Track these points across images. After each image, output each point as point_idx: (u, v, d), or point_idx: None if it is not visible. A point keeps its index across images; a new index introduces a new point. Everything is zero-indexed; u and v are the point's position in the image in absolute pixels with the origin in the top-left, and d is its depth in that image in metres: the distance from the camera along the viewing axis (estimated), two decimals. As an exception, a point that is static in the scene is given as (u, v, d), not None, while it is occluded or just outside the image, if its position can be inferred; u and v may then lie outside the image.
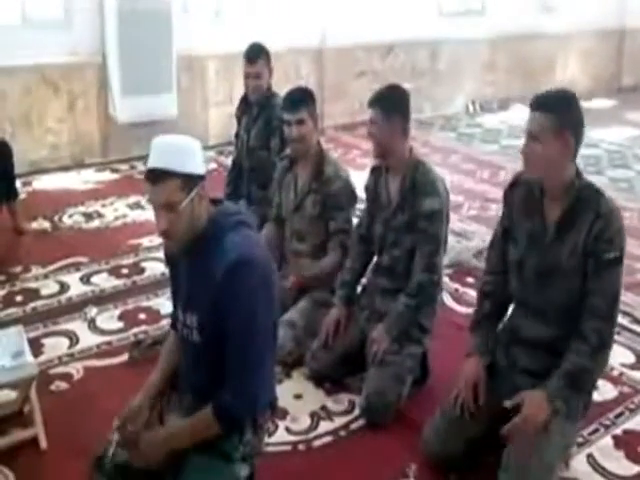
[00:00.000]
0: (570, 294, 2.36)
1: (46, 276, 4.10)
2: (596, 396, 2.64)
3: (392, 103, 2.94)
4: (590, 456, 2.67)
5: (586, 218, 2.30)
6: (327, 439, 2.76)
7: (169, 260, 2.20)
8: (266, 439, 2.30)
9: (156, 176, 1.90)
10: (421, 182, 2.91)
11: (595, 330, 2.30)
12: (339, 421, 2.86)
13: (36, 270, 4.16)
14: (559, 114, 2.28)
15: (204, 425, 1.98)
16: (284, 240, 3.51)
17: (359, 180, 3.36)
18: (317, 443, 2.74)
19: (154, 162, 1.91)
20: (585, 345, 2.30)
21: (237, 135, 4.46)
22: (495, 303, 2.65)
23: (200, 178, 1.95)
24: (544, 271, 2.40)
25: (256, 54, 4.09)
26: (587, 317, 2.32)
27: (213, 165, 6.18)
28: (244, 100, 4.36)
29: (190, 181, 1.91)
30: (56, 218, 5.01)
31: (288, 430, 2.79)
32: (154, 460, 1.99)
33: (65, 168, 6.13)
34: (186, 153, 1.93)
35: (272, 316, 2.05)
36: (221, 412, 1.95)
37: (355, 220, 3.36)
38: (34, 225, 4.85)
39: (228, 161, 4.65)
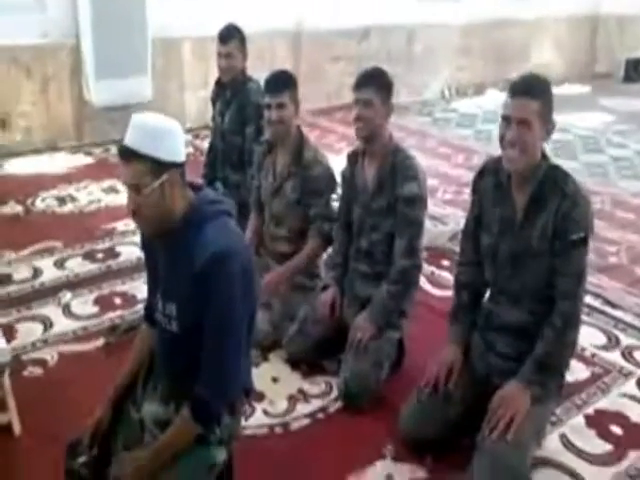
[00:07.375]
0: (543, 277, 2.39)
1: (19, 261, 4.04)
2: (568, 377, 2.67)
3: (386, 83, 2.90)
4: (563, 435, 2.71)
5: (553, 200, 2.31)
6: (304, 421, 2.78)
7: (146, 246, 2.15)
8: (243, 422, 2.30)
9: (126, 155, 1.85)
10: (400, 167, 2.89)
11: (560, 313, 2.34)
12: (316, 403, 2.88)
13: (9, 255, 4.10)
14: (545, 99, 2.29)
15: (184, 429, 1.95)
16: (262, 224, 3.47)
17: (336, 165, 3.35)
18: (294, 425, 2.75)
19: (128, 139, 1.85)
20: (551, 330, 2.35)
21: (213, 118, 4.44)
22: (471, 293, 2.67)
23: (174, 165, 1.88)
24: (517, 255, 2.42)
25: (229, 34, 4.06)
26: (557, 300, 2.35)
27: (190, 149, 6.09)
28: (218, 83, 4.34)
29: (160, 167, 1.85)
30: (29, 202, 4.94)
31: (265, 413, 2.80)
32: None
33: (38, 151, 6.04)
34: (162, 136, 1.86)
35: (250, 306, 2.01)
36: (197, 410, 1.92)
37: (335, 205, 3.31)
38: (6, 209, 4.78)
39: (205, 145, 4.62)
